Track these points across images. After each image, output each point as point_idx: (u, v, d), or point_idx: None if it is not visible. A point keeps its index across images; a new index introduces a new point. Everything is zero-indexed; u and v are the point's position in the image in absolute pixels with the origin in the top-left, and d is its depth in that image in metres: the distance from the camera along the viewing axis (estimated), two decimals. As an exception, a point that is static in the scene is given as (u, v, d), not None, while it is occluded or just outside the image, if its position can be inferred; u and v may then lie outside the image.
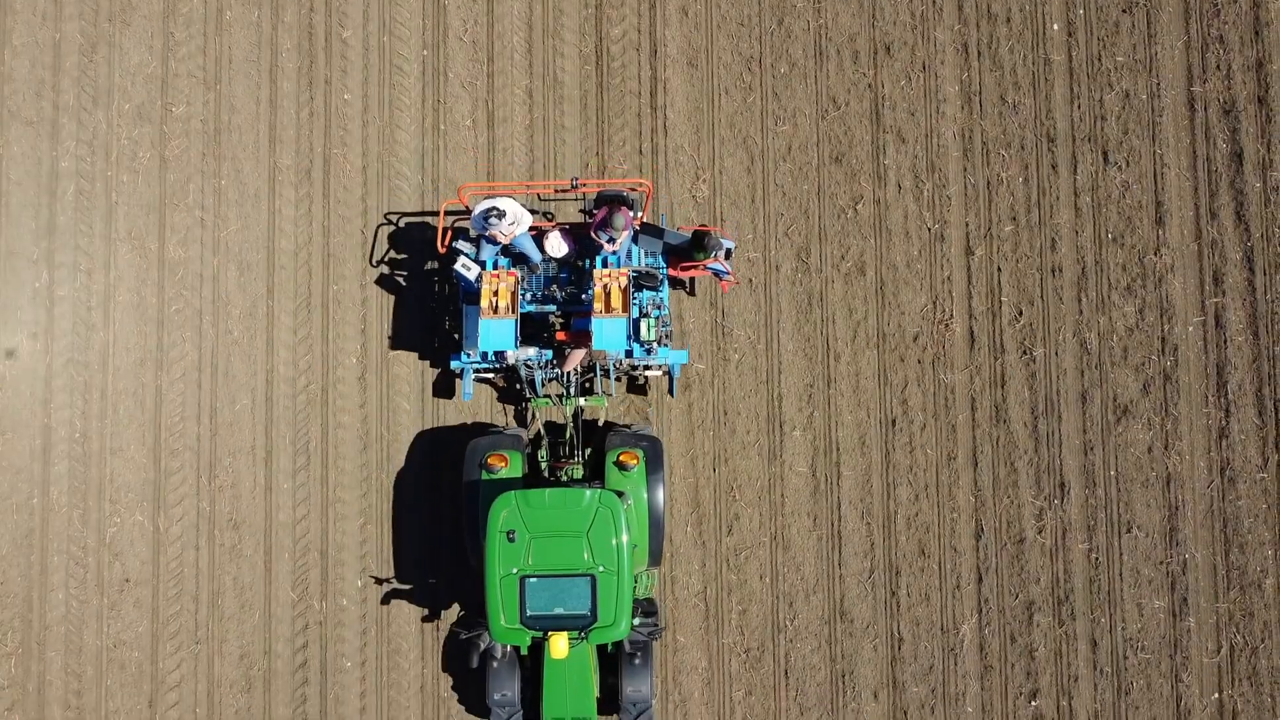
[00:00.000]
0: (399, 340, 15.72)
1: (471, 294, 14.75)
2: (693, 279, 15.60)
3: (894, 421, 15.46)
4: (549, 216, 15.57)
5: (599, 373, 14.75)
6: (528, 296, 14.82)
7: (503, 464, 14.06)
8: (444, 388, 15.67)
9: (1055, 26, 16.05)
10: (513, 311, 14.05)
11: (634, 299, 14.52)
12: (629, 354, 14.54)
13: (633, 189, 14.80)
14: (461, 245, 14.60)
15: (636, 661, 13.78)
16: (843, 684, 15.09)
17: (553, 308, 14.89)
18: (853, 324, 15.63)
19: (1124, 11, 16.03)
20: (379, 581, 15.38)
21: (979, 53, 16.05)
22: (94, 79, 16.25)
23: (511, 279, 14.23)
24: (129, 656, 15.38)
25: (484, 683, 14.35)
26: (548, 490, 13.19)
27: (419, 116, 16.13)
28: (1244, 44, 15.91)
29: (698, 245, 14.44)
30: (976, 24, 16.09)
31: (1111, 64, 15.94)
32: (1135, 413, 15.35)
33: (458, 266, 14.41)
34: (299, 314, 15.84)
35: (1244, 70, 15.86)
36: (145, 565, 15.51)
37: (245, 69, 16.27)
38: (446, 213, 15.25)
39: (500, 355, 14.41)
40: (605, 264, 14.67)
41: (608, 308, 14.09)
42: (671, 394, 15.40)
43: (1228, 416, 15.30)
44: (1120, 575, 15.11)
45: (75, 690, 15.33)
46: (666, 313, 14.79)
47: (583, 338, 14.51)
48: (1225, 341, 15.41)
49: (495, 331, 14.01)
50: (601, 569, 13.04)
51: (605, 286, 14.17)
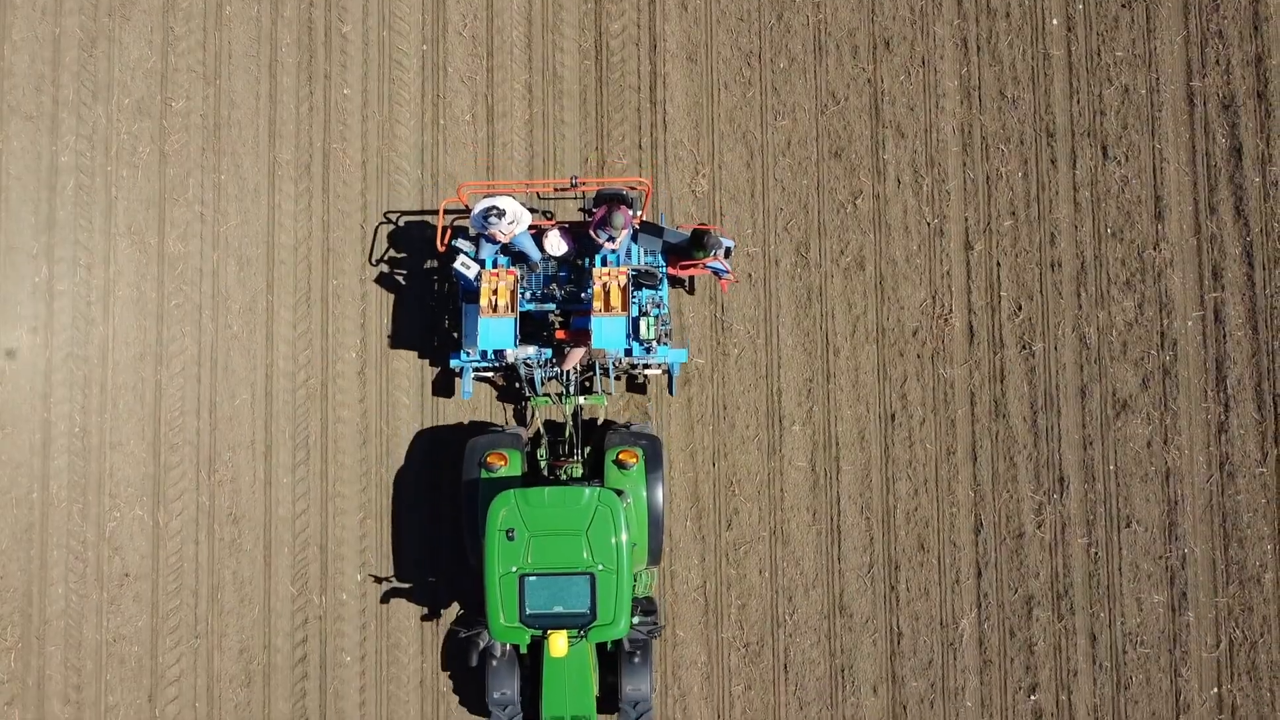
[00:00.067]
0: (398, 339, 15.47)
1: (471, 292, 14.59)
2: (692, 278, 15.34)
3: (893, 416, 15.20)
4: (548, 215, 15.34)
5: (598, 371, 14.59)
6: (527, 295, 14.66)
7: (502, 463, 13.89)
8: (443, 386, 15.42)
9: (1054, 21, 15.78)
10: (512, 310, 13.90)
11: (633, 298, 14.35)
12: (628, 352, 14.40)
13: (632, 187, 14.62)
14: (461, 244, 14.43)
15: (636, 660, 13.65)
16: (842, 679, 14.85)
17: (552, 306, 14.73)
18: (852, 319, 15.37)
19: (1123, 6, 15.77)
20: (379, 580, 15.14)
21: (978, 48, 15.81)
22: (94, 74, 15.99)
23: (511, 277, 14.06)
24: (129, 651, 15.13)
25: (483, 681, 14.19)
26: (547, 489, 13.05)
27: (418, 111, 15.90)
28: (1243, 39, 15.67)
29: (697, 244, 14.24)
30: (976, 19, 15.85)
31: (1111, 59, 15.67)
32: (1134, 407, 15.08)
33: (457, 265, 14.24)
34: (298, 309, 15.59)
35: (1243, 65, 15.61)
36: (145, 560, 15.26)
37: (245, 64, 16.02)
38: (446, 211, 15.03)
39: (499, 354, 14.28)
40: (604, 262, 14.52)
41: (607, 306, 13.93)
42: (671, 392, 15.14)
43: (1227, 411, 15.03)
44: (1119, 570, 14.86)
45: (75, 685, 15.09)
46: (666, 311, 14.63)
47: (582, 336, 14.34)
48: (1224, 336, 15.15)
49: (494, 330, 13.85)
50: (601, 567, 12.90)
51: (604, 285, 14.01)
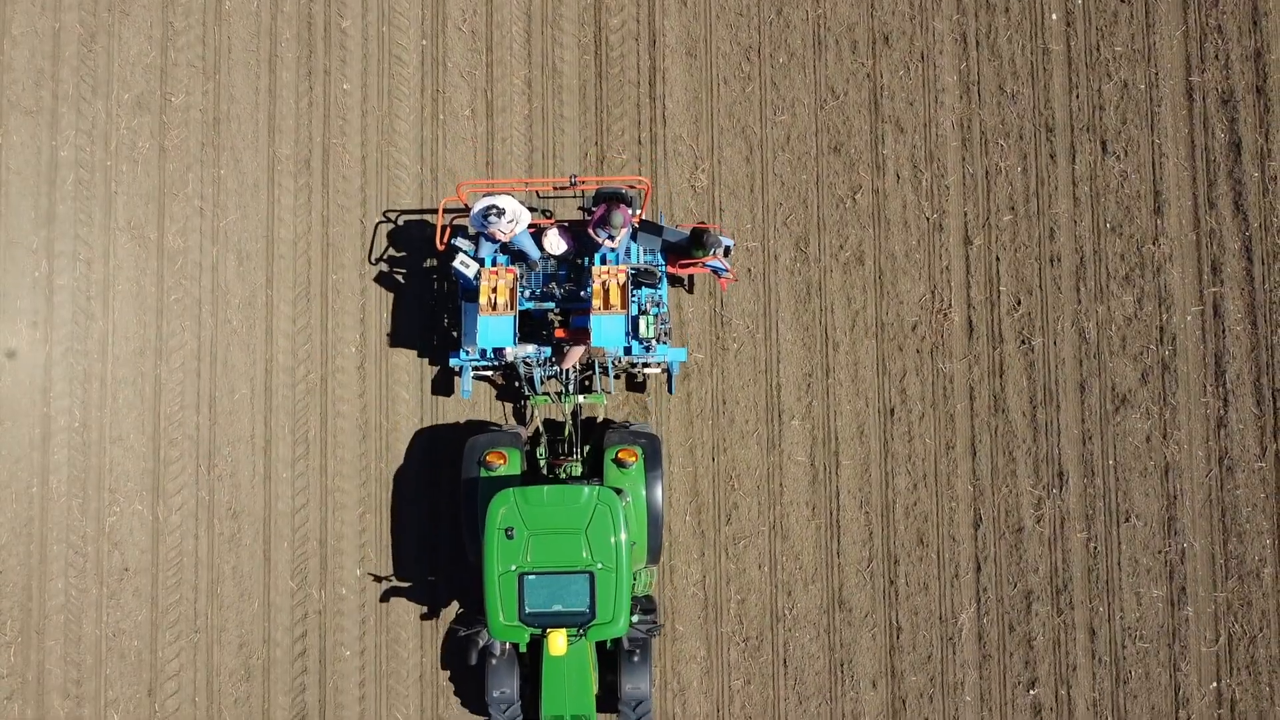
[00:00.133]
0: (398, 337, 15.19)
1: (470, 291, 14.35)
2: (691, 276, 15.05)
3: (892, 411, 14.91)
4: (547, 214, 15.03)
5: (597, 370, 14.35)
6: (526, 294, 14.44)
7: (501, 461, 13.67)
8: (443, 385, 15.15)
9: (1054, 16, 15.48)
10: (511, 308, 13.66)
11: (633, 296, 14.09)
12: (627, 351, 14.17)
13: (631, 186, 14.35)
14: (460, 242, 14.14)
15: (635, 659, 13.42)
16: (841, 673, 14.58)
17: (551, 305, 14.50)
18: (851, 313, 15.07)
19: (1122, 1, 15.50)
20: (378, 579, 14.85)
21: (977, 42, 15.51)
22: (93, 69, 15.70)
23: (510, 276, 13.82)
24: (128, 645, 14.86)
25: (483, 680, 14.00)
26: (546, 487, 12.82)
27: (418, 106, 15.61)
28: (1242, 33, 15.39)
29: (696, 243, 13.98)
30: (975, 13, 15.56)
31: (1110, 53, 15.37)
32: (1134, 402, 14.79)
33: (456, 264, 14.01)
34: (298, 303, 15.31)
35: (1242, 60, 15.32)
36: (144, 554, 14.97)
37: (244, 59, 15.73)
38: (445, 210, 14.73)
39: (499, 352, 14.06)
40: (604, 261, 14.24)
41: (606, 305, 13.69)
42: (670, 391, 14.85)
43: (1226, 406, 14.75)
44: (1119, 564, 14.58)
45: (75, 679, 14.80)
46: (665, 310, 14.37)
47: (581, 335, 14.10)
48: (1223, 331, 14.86)
49: (494, 328, 13.61)
50: (600, 566, 12.66)
51: (604, 283, 13.78)
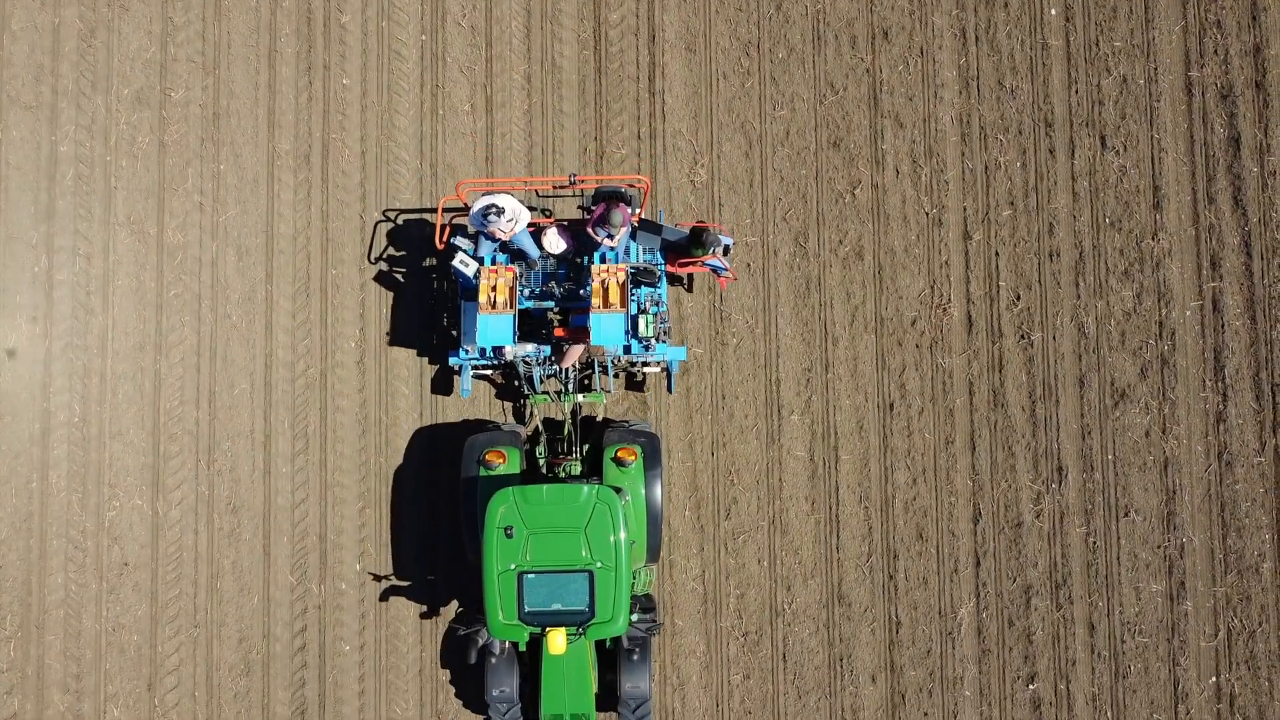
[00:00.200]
0: (397, 336, 14.96)
1: (469, 290, 14.13)
2: (690, 275, 14.80)
3: (892, 406, 14.65)
4: (547, 213, 14.75)
5: (597, 369, 14.14)
6: (526, 292, 14.23)
7: (501, 460, 13.47)
8: (442, 384, 14.90)
9: (1053, 11, 15.22)
10: (511, 307, 13.46)
11: (632, 295, 13.88)
12: (627, 350, 13.95)
13: (631, 185, 14.07)
14: (459, 241, 13.90)
15: (635, 658, 13.22)
16: (840, 668, 14.33)
17: (551, 304, 14.28)
18: (850, 308, 14.81)
19: (1121, -4, 15.22)
20: (378, 579, 14.58)
21: (977, 38, 15.25)
22: (93, 64, 15.43)
23: (510, 275, 13.62)
24: (128, 640, 14.61)
25: (482, 679, 13.80)
26: (545, 486, 12.63)
27: (417, 101, 15.35)
28: (1241, 29, 15.13)
29: (696, 242, 13.76)
30: (974, 9, 15.32)
31: (1109, 49, 15.10)
32: (1133, 397, 14.54)
33: (456, 263, 13.80)
34: (297, 299, 15.05)
35: (1241, 55, 15.06)
36: (144, 549, 14.72)
37: (244, 54, 15.47)
38: (444, 209, 14.43)
39: (498, 351, 13.87)
40: (603, 260, 13.99)
41: (606, 303, 13.49)
42: (669, 390, 14.58)
43: (1225, 401, 14.49)
44: (1118, 559, 14.34)
45: (74, 674, 14.56)
46: (665, 309, 14.13)
47: (581, 333, 13.87)
48: (1223, 326, 14.61)
49: (493, 327, 13.42)
50: (599, 565, 12.46)
51: (603, 282, 13.58)
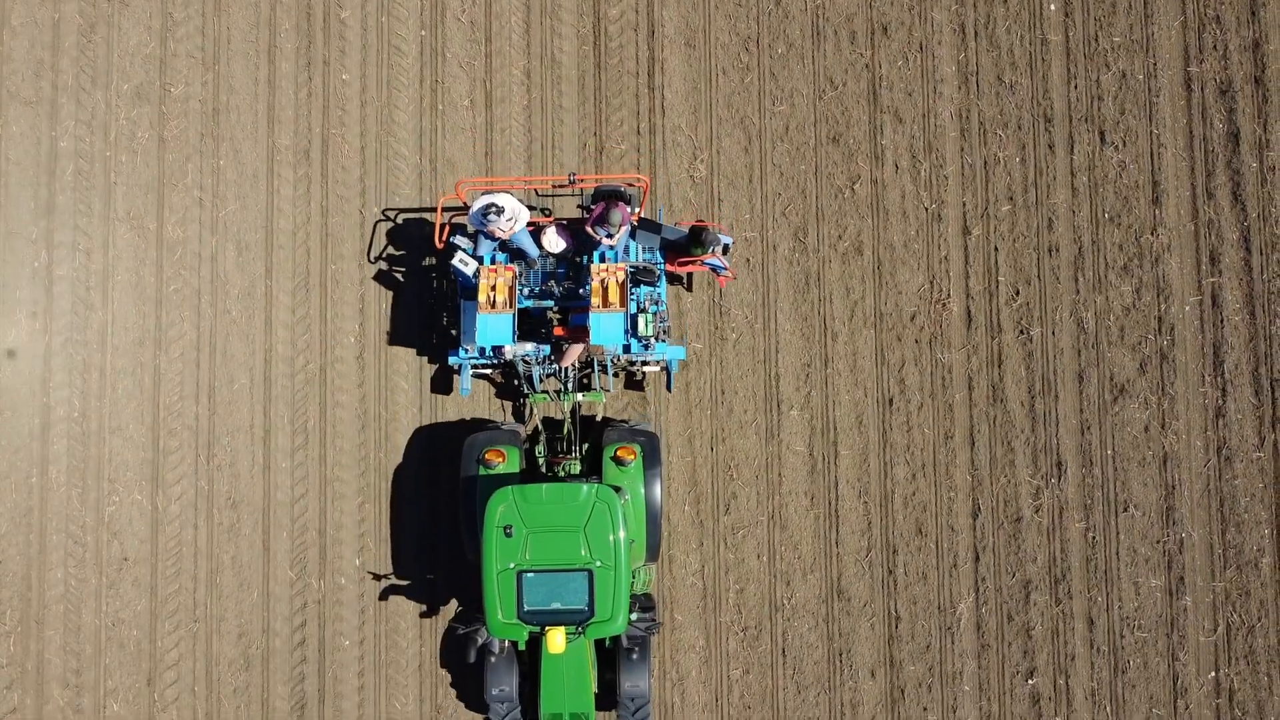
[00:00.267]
0: (397, 335, 14.77)
1: (469, 289, 13.94)
2: (690, 274, 14.60)
3: (891, 401, 14.44)
4: (546, 212, 14.54)
5: (596, 368, 13.96)
6: (525, 292, 14.04)
7: (500, 459, 13.29)
8: (442, 383, 14.70)
9: (1052, 7, 15.00)
10: (510, 306, 13.30)
11: (631, 294, 13.70)
12: (626, 349, 13.75)
13: (630, 184, 13.86)
14: (459, 240, 13.71)
15: (634, 657, 13.03)
16: (840, 662, 14.13)
17: (550, 303, 14.08)
18: (850, 304, 14.60)
19: (1121, -9, 14.99)
20: (377, 578, 14.37)
21: (976, 33, 15.04)
22: (93, 59, 15.22)
23: (509, 274, 13.45)
24: (128, 635, 14.41)
25: (482, 678, 13.61)
26: (545, 485, 12.44)
27: (417, 97, 15.13)
28: (1240, 24, 14.91)
29: (695, 241, 13.57)
30: (974, 4, 15.12)
31: (1108, 44, 14.88)
32: (1132, 392, 14.32)
33: (455, 262, 13.61)
34: (297, 294, 14.85)
35: (1241, 50, 14.84)
36: (144, 544, 14.52)
37: (243, 49, 15.25)
38: (444, 209, 14.21)
39: (498, 350, 13.70)
40: (603, 259, 13.81)
41: (605, 302, 13.31)
42: (669, 389, 14.37)
43: (1224, 396, 14.28)
44: (1117, 554, 14.14)
45: (74, 669, 14.35)
46: (664, 308, 13.93)
47: (580, 333, 13.68)
48: (1222, 321, 14.39)
49: (493, 326, 13.25)
50: (599, 564, 12.27)
51: (603, 281, 13.40)
